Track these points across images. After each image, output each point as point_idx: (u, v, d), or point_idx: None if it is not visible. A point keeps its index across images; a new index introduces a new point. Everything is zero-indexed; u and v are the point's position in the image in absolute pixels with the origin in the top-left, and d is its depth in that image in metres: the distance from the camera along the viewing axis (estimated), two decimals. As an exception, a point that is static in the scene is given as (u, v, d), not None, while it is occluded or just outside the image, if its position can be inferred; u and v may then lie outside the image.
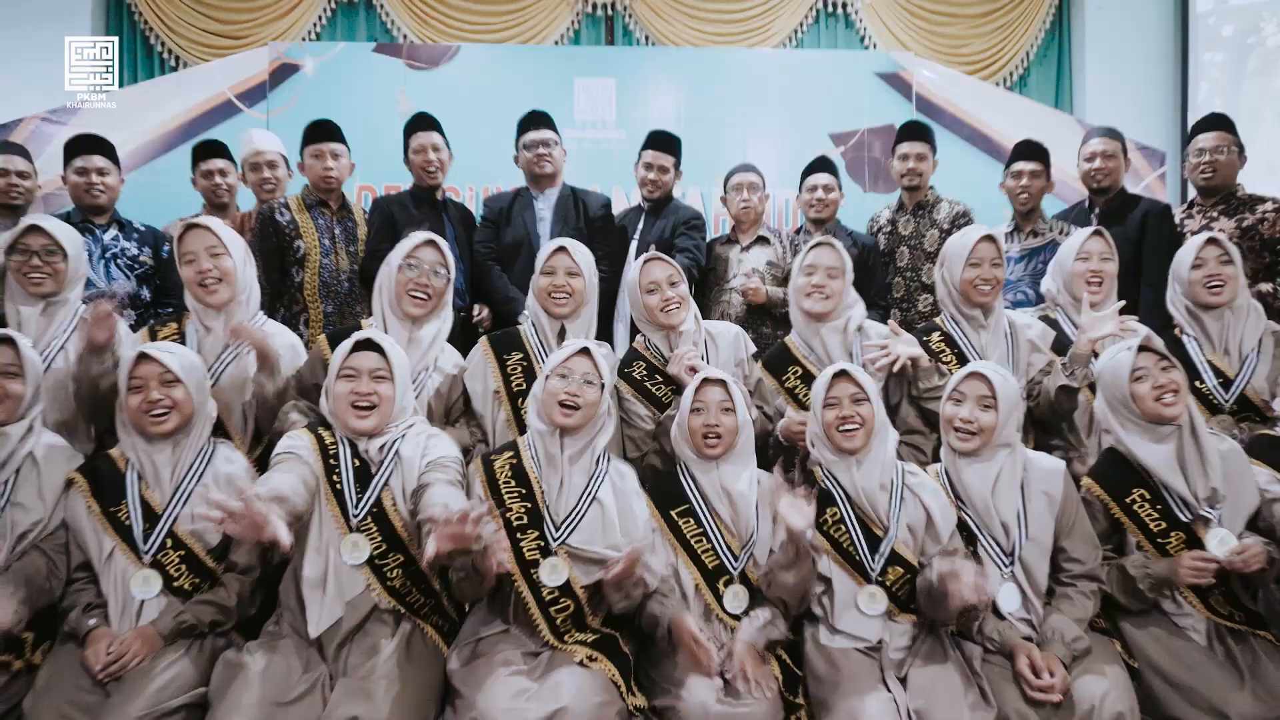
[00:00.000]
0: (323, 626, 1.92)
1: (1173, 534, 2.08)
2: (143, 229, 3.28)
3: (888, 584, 2.05)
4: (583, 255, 2.54)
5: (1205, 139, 3.31)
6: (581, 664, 1.92)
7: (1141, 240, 3.27)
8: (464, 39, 5.31)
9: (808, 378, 2.48)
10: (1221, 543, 2.03)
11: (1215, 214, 3.29)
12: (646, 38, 5.52)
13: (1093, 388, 2.36)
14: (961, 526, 2.11)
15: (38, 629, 1.95)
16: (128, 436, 2.03)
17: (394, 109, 4.64)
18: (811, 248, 2.59)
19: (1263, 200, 3.24)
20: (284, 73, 4.69)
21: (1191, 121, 5.35)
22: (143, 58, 5.31)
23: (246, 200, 3.63)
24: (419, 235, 2.51)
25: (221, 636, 2.00)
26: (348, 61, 4.76)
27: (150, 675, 1.85)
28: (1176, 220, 3.39)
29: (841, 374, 2.17)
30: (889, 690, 1.90)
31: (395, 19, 5.37)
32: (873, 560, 2.06)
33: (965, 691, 1.87)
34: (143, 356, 2.02)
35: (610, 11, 5.51)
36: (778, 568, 2.02)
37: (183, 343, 2.33)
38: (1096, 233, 2.69)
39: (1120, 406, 2.17)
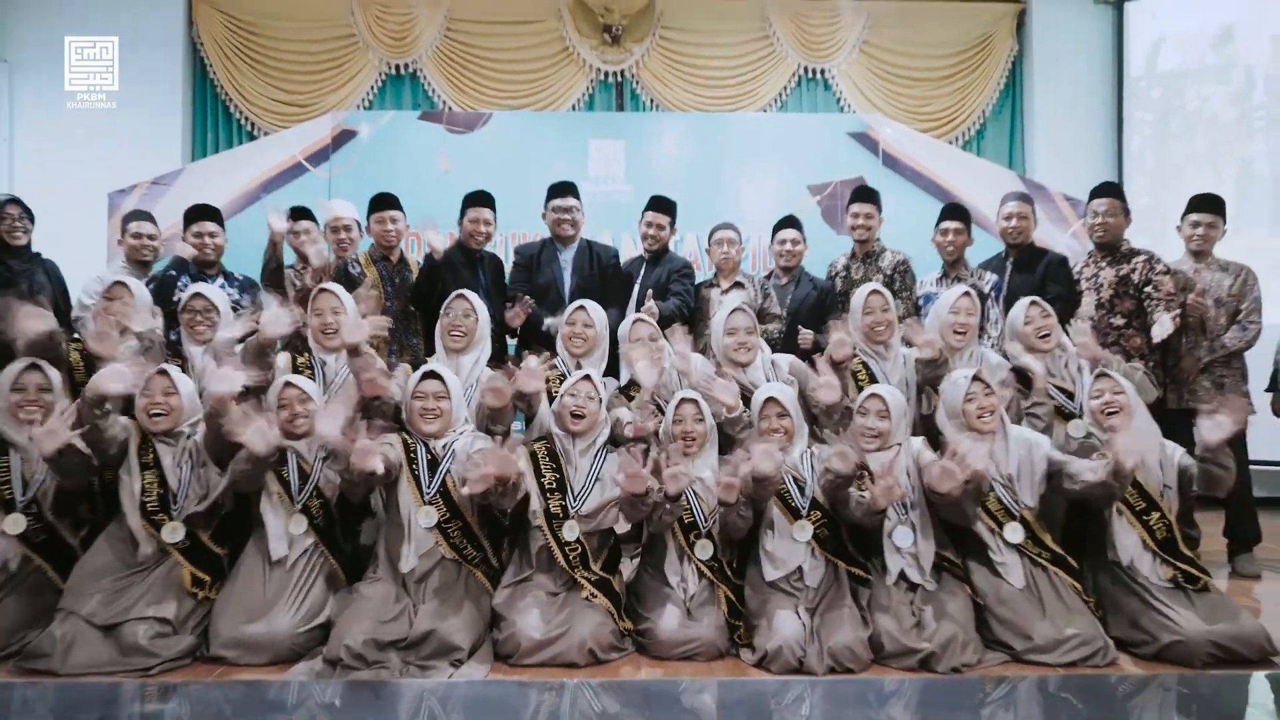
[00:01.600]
0: (408, 568, 2.76)
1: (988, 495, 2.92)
2: (241, 278, 4.12)
3: (813, 522, 2.86)
4: (597, 313, 3.41)
5: (1098, 204, 4.05)
6: (587, 599, 2.75)
7: (1044, 284, 4.04)
8: (494, 104, 6.07)
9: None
10: None
11: (1104, 264, 4.04)
12: (652, 101, 6.24)
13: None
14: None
15: (214, 573, 2.80)
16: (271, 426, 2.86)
17: (435, 168, 5.43)
18: (731, 313, 3.41)
19: (1138, 254, 3.99)
20: (344, 138, 5.44)
21: (1126, 171, 6.15)
22: (223, 123, 6.14)
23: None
24: (456, 292, 3.39)
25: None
26: (397, 127, 5.50)
27: (293, 604, 2.70)
28: (1077, 267, 4.17)
29: (770, 400, 3.01)
30: (799, 616, 2.71)
31: (436, 87, 6.19)
32: (802, 500, 2.88)
33: (850, 616, 2.70)
34: (288, 384, 2.88)
35: (620, 79, 6.30)
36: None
37: (312, 370, 3.22)
38: (965, 293, 3.48)
39: (954, 417, 3.00)
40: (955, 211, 4.19)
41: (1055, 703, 2.42)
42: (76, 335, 3.41)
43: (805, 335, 3.81)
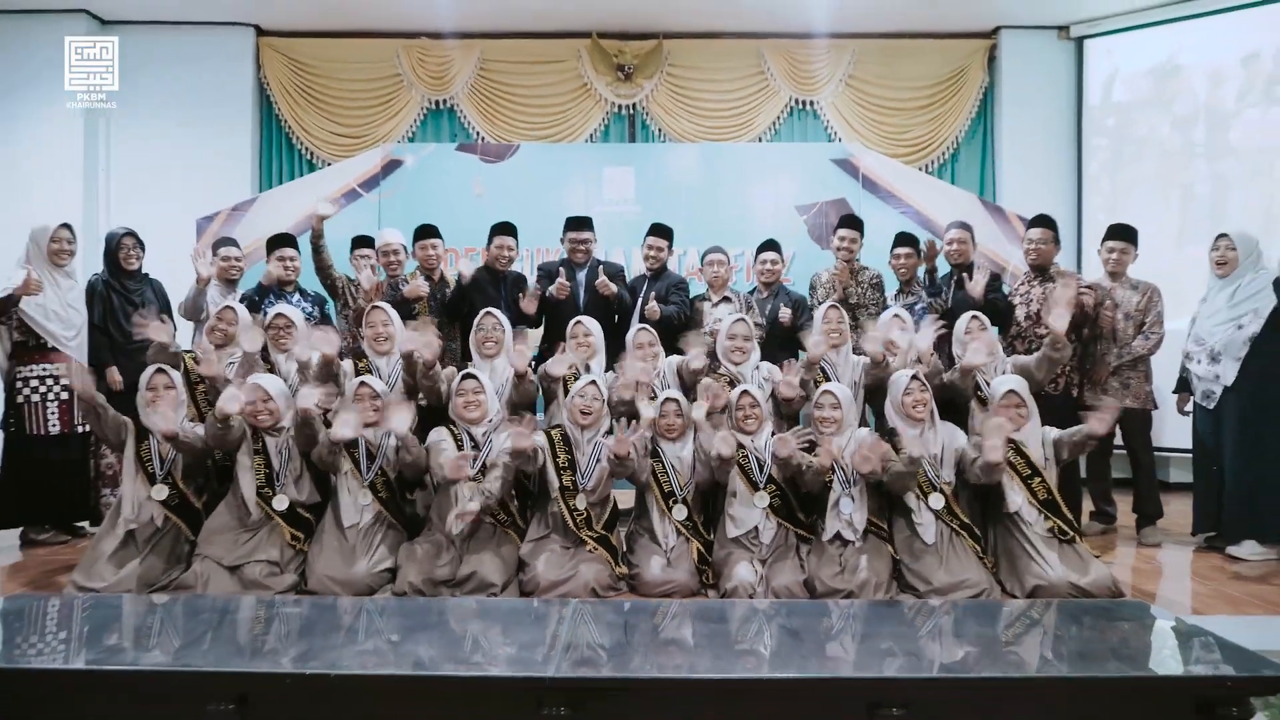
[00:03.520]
0: (455, 531, 3.58)
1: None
2: (312, 294, 5.00)
3: (769, 493, 3.65)
4: (594, 325, 4.24)
5: (1033, 232, 4.80)
6: (590, 551, 3.57)
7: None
8: (522, 136, 6.86)
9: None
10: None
11: (1035, 283, 4.79)
12: (660, 131, 7.02)
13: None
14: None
15: (306, 531, 3.65)
16: (353, 417, 3.65)
17: (470, 193, 6.21)
18: (733, 322, 4.22)
19: (1063, 274, 4.76)
20: (391, 167, 6.22)
21: (1085, 192, 6.85)
22: (286, 153, 7.03)
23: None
24: (484, 310, 4.22)
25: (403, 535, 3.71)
26: (437, 158, 6.28)
27: (368, 553, 3.55)
28: (1018, 284, 4.91)
29: (744, 392, 3.81)
30: (754, 565, 3.52)
31: (470, 119, 7.01)
32: (760, 476, 3.67)
33: (792, 565, 3.51)
34: (362, 384, 3.72)
35: (631, 112, 7.08)
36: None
37: (370, 373, 4.03)
38: (896, 316, 4.25)
39: (895, 405, 3.77)
40: (906, 239, 4.93)
41: (940, 616, 3.16)
42: (188, 348, 4.28)
43: (785, 313, 4.63)
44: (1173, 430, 5.68)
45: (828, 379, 4.14)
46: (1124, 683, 2.27)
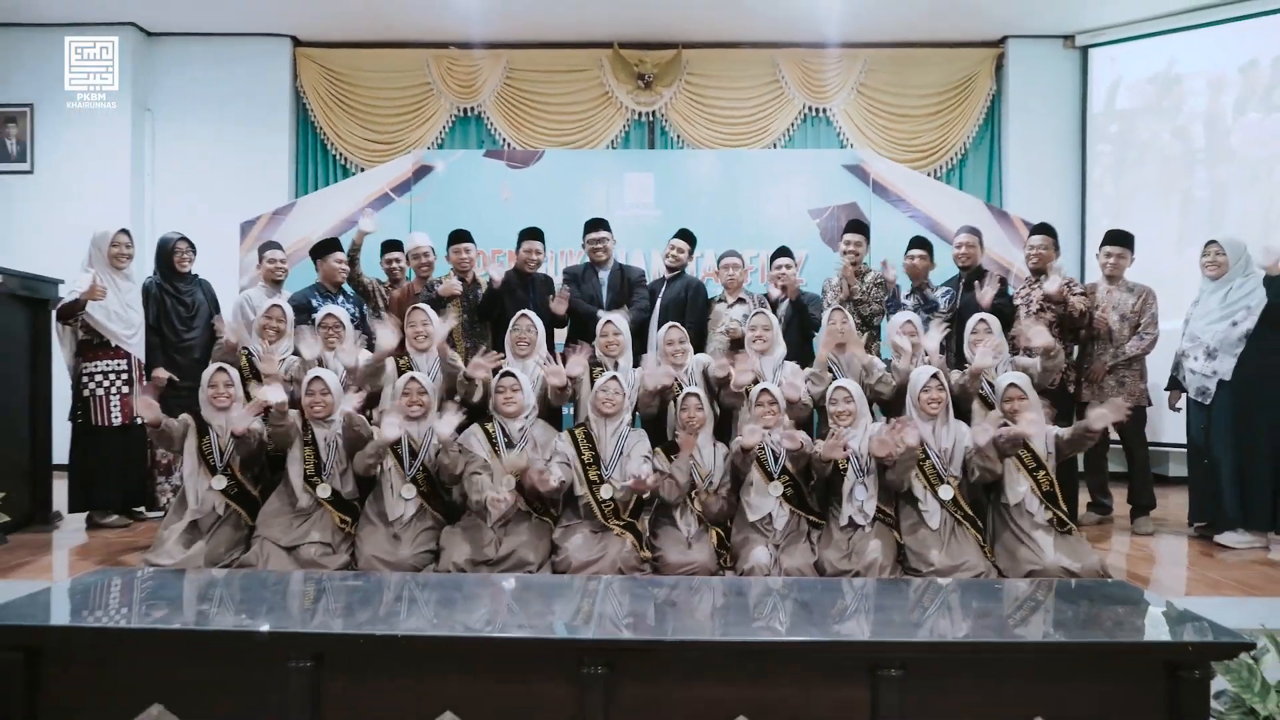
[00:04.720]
0: (494, 518, 3.88)
1: (925, 462, 3.93)
2: (354, 295, 5.32)
3: (782, 483, 3.93)
4: (622, 323, 4.51)
5: (1034, 239, 5.07)
6: (617, 535, 3.87)
7: (986, 296, 5.03)
8: (546, 142, 7.18)
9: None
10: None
11: (1036, 286, 5.05)
12: (678, 137, 7.32)
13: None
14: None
15: (353, 516, 3.96)
16: (397, 417, 3.96)
17: (497, 198, 6.50)
18: (754, 315, 4.50)
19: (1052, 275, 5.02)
20: (422, 172, 6.53)
21: (1089, 196, 7.09)
22: (321, 159, 7.37)
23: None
24: (520, 312, 4.50)
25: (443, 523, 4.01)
26: (466, 164, 6.59)
27: (412, 538, 3.85)
28: (1020, 288, 5.16)
29: (764, 390, 4.09)
30: (768, 549, 3.80)
31: (497, 127, 7.32)
32: (774, 467, 3.95)
33: (803, 548, 3.79)
34: (411, 379, 4.02)
35: (651, 119, 7.38)
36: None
37: (410, 369, 4.32)
38: (908, 320, 4.52)
39: (913, 400, 4.04)
40: (920, 242, 5.21)
41: (940, 592, 3.44)
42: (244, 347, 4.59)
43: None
44: (1170, 426, 5.92)
45: (835, 378, 4.42)
46: (1100, 647, 2.54)
